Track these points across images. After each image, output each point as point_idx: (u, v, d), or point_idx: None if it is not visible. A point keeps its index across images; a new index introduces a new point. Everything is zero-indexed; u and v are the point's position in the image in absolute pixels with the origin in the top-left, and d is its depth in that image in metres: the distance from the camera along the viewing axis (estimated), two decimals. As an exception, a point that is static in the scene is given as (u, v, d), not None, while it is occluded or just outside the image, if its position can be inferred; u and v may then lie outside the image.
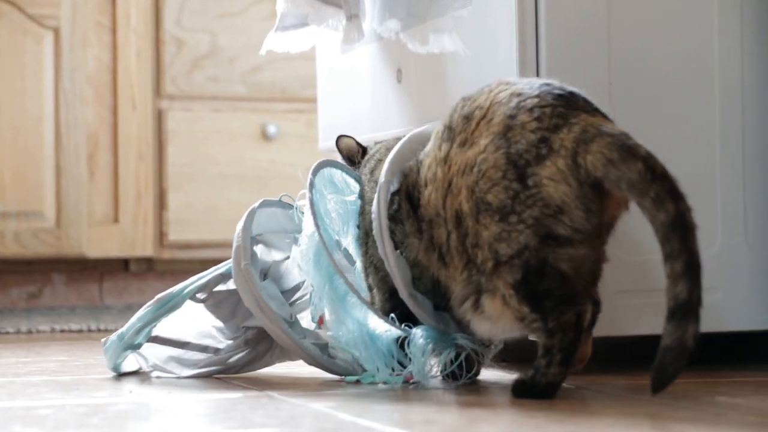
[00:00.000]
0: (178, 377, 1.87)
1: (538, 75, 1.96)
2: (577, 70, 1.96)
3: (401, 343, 1.71)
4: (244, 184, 3.77)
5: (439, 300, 1.70)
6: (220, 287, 1.90)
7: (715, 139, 1.97)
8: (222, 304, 1.89)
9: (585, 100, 1.61)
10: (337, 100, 2.68)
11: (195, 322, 1.92)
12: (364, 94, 2.53)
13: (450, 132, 1.65)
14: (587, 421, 1.41)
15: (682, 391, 1.60)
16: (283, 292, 1.88)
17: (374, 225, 1.72)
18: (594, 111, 1.59)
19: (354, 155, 1.99)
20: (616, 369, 1.90)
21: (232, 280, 1.86)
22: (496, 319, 1.60)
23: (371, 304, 1.78)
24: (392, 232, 1.71)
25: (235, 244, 1.82)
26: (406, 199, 1.70)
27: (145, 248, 3.70)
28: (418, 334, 1.69)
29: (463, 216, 1.60)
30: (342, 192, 1.93)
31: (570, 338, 1.54)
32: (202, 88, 3.76)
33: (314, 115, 2.86)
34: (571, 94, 1.61)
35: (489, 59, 2.05)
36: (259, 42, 2.47)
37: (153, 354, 1.91)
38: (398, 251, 1.71)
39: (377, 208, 1.72)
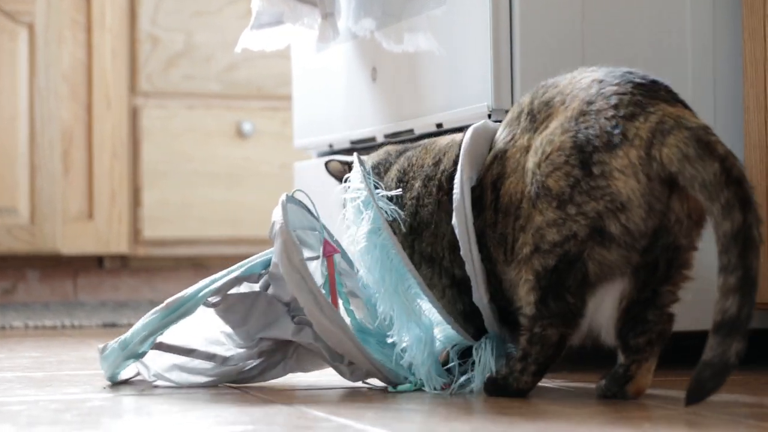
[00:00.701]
0: (180, 387, 1.74)
1: (512, 74, 1.97)
2: (550, 68, 1.97)
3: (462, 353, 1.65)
4: (218, 182, 3.77)
5: (502, 308, 1.61)
6: (233, 290, 1.75)
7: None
8: (233, 309, 1.73)
9: (667, 89, 1.53)
10: (312, 98, 2.69)
11: (202, 328, 1.77)
12: (339, 93, 2.54)
13: (532, 120, 1.57)
14: (558, 419, 1.42)
15: (654, 390, 1.61)
16: None
17: (458, 225, 1.59)
18: (675, 101, 1.51)
19: (342, 174, 1.89)
20: (595, 368, 1.91)
21: (244, 284, 1.74)
22: None
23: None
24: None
25: (279, 239, 1.66)
26: (492, 188, 1.59)
27: (120, 245, 3.69)
28: (487, 345, 1.62)
29: (522, 199, 1.53)
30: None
31: (547, 355, 1.51)
32: (177, 86, 3.76)
33: (290, 113, 2.87)
34: (653, 82, 1.52)
35: (463, 58, 2.06)
36: (235, 40, 2.48)
37: (156, 362, 1.76)
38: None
39: (461, 205, 1.59)
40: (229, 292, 1.72)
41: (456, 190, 1.61)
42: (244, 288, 1.74)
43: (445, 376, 1.63)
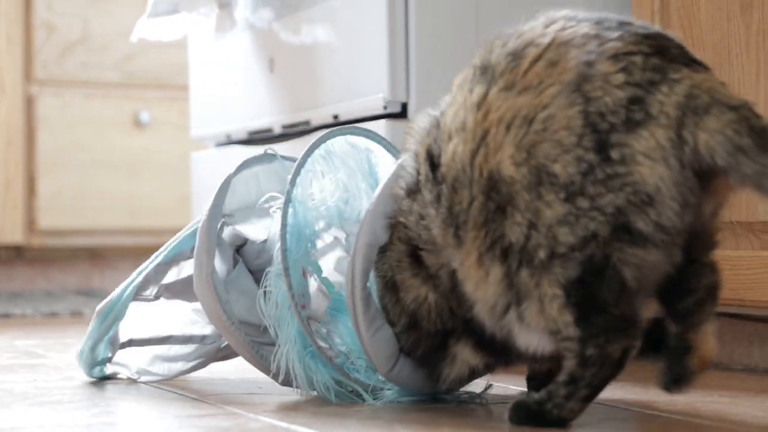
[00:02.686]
0: (168, 379, 1.67)
1: (407, 66, 1.99)
2: (447, 59, 1.99)
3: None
4: (115, 172, 3.73)
5: (448, 319, 1.35)
6: (170, 278, 1.64)
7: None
8: (186, 291, 1.63)
9: (679, 46, 1.22)
10: (210, 88, 2.68)
11: (173, 311, 1.67)
12: (236, 83, 2.54)
13: (486, 72, 1.26)
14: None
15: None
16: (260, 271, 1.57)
17: (346, 288, 1.39)
18: (693, 62, 1.20)
19: None
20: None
21: (183, 264, 1.63)
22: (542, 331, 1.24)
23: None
24: (407, 212, 1.34)
25: (198, 240, 1.51)
26: (427, 160, 1.30)
27: (14, 235, 3.64)
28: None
29: (501, 181, 1.21)
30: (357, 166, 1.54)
31: (605, 376, 1.20)
32: (74, 74, 3.72)
33: (188, 103, 2.86)
34: (661, 36, 1.21)
35: (359, 50, 2.07)
36: (132, 29, 2.46)
37: (134, 359, 1.68)
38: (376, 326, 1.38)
39: (351, 277, 1.37)
40: (168, 281, 1.64)
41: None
42: (182, 269, 1.65)
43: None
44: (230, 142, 2.60)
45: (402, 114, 1.99)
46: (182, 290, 1.65)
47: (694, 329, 1.23)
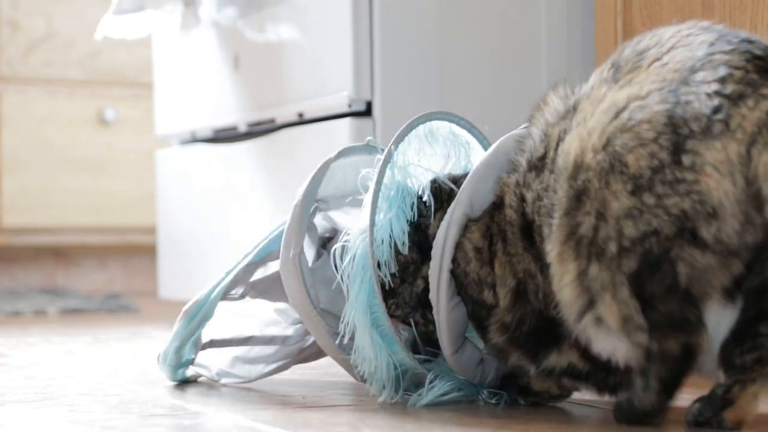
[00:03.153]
0: (249, 381, 1.61)
1: (372, 64, 1.99)
2: (411, 58, 2.00)
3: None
4: (81, 170, 3.72)
5: (540, 318, 1.31)
6: (258, 275, 1.59)
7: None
8: (271, 290, 1.58)
9: None
10: (174, 86, 2.68)
11: (255, 311, 1.62)
12: (201, 81, 2.53)
13: (616, 71, 1.25)
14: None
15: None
16: None
17: (432, 269, 1.35)
18: None
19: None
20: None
21: (270, 265, 1.58)
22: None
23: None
24: (527, 185, 1.29)
25: (289, 220, 1.45)
26: (556, 147, 1.26)
27: (-22, 233, 3.62)
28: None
29: (581, 167, 1.20)
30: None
31: (671, 370, 1.18)
32: (39, 71, 3.70)
33: (153, 101, 2.85)
34: None
35: (324, 48, 2.07)
36: (97, 26, 2.45)
37: (215, 360, 1.62)
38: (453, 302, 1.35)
39: (440, 248, 1.34)
40: (256, 278, 1.58)
41: (440, 231, 1.35)
42: (271, 269, 1.58)
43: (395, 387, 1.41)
44: (195, 140, 2.59)
45: (367, 112, 2.00)
46: (268, 288, 1.59)
47: (743, 385, 1.19)
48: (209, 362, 1.62)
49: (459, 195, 1.35)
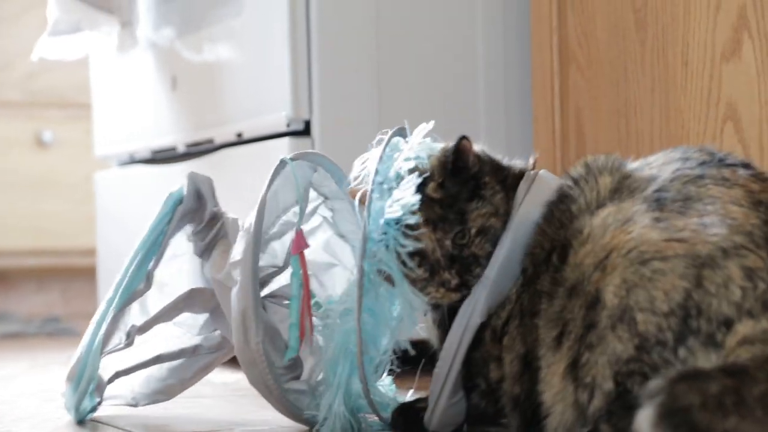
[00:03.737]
0: (170, 398, 1.60)
1: (309, 84, 1.99)
2: (349, 77, 2.00)
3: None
4: (18, 192, 3.68)
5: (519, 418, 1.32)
6: (138, 318, 1.55)
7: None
8: (160, 321, 1.57)
9: None
10: (112, 107, 2.66)
11: (155, 333, 1.59)
12: (139, 101, 2.52)
13: (658, 203, 1.23)
14: None
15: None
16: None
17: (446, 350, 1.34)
18: None
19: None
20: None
21: (144, 302, 1.55)
22: None
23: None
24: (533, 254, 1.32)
25: (238, 302, 1.40)
26: (561, 250, 1.28)
27: None
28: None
29: (599, 302, 1.20)
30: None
31: None
32: (-25, 93, 3.67)
33: (91, 122, 2.83)
34: None
35: (262, 68, 2.07)
36: (34, 48, 2.44)
37: (127, 387, 1.59)
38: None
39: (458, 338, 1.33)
40: (140, 322, 1.56)
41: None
42: (145, 306, 1.57)
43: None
44: (134, 161, 2.58)
45: (305, 131, 2.00)
46: (153, 324, 1.57)
47: None
48: (120, 391, 1.58)
49: (476, 303, 1.33)
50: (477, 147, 1.38)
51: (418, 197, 1.31)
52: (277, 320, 1.45)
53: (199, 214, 1.56)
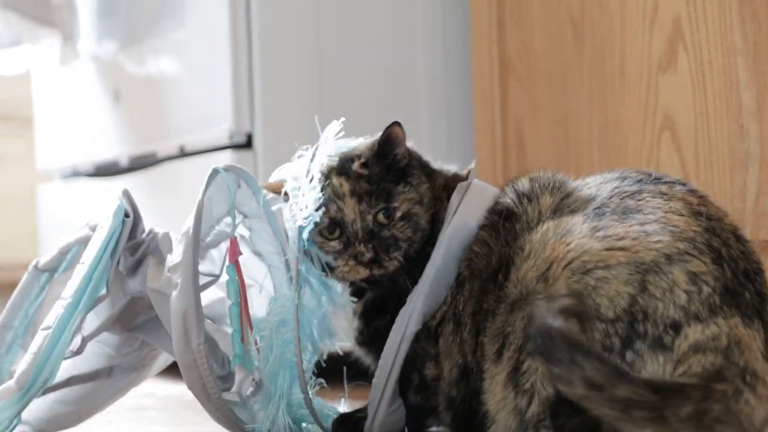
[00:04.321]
0: (78, 422, 1.54)
1: (251, 97, 2.00)
2: (291, 90, 2.01)
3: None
4: (-39, 206, 3.65)
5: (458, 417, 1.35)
6: (88, 324, 1.49)
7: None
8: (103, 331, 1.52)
9: (760, 296, 1.20)
10: (55, 120, 2.65)
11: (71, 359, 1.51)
12: (82, 115, 2.51)
13: (596, 214, 1.25)
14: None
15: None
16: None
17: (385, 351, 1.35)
18: (757, 315, 1.18)
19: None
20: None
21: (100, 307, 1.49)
22: None
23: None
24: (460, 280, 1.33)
25: (178, 303, 1.38)
26: (505, 269, 1.29)
27: None
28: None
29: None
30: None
31: None
32: None
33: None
34: (751, 276, 1.20)
35: (204, 81, 2.07)
36: (-27, 61, 2.42)
37: (34, 412, 1.50)
38: None
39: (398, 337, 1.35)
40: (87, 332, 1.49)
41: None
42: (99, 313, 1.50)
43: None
44: (77, 174, 2.57)
45: (247, 144, 2.00)
46: (100, 333, 1.52)
47: None
48: (29, 416, 1.49)
49: (412, 311, 1.34)
50: (410, 143, 1.40)
51: (318, 195, 1.34)
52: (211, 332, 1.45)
53: (134, 231, 1.53)
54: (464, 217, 1.35)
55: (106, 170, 2.44)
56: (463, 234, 1.35)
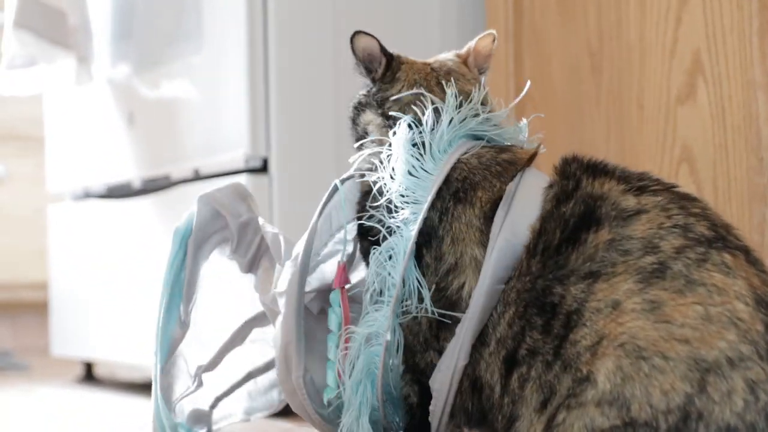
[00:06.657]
0: (278, 408, 1.62)
1: (267, 121, 2.00)
2: (307, 115, 2.01)
3: None
4: (-31, 225, 3.65)
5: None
6: (202, 358, 1.56)
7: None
8: (224, 356, 1.59)
9: None
10: (67, 141, 2.65)
11: (233, 355, 1.60)
12: (95, 137, 2.51)
13: (654, 275, 1.22)
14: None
15: None
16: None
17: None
18: None
19: (374, 62, 1.54)
20: None
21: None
22: None
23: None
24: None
25: (281, 333, 1.40)
26: (565, 320, 1.25)
27: None
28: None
29: (586, 383, 1.21)
30: None
31: None
32: (-75, 125, 3.64)
33: (44, 156, 2.82)
34: None
35: (220, 105, 2.07)
36: (-13, 81, 2.43)
37: (232, 405, 1.61)
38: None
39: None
40: (203, 362, 1.57)
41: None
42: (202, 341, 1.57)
43: None
44: (88, 195, 2.57)
45: (263, 169, 2.00)
46: (222, 357, 1.58)
47: None
48: (229, 410, 1.60)
49: (461, 345, 1.33)
50: None
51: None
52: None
53: (223, 234, 1.52)
54: (508, 236, 1.31)
55: (118, 192, 2.44)
56: (509, 254, 1.31)
